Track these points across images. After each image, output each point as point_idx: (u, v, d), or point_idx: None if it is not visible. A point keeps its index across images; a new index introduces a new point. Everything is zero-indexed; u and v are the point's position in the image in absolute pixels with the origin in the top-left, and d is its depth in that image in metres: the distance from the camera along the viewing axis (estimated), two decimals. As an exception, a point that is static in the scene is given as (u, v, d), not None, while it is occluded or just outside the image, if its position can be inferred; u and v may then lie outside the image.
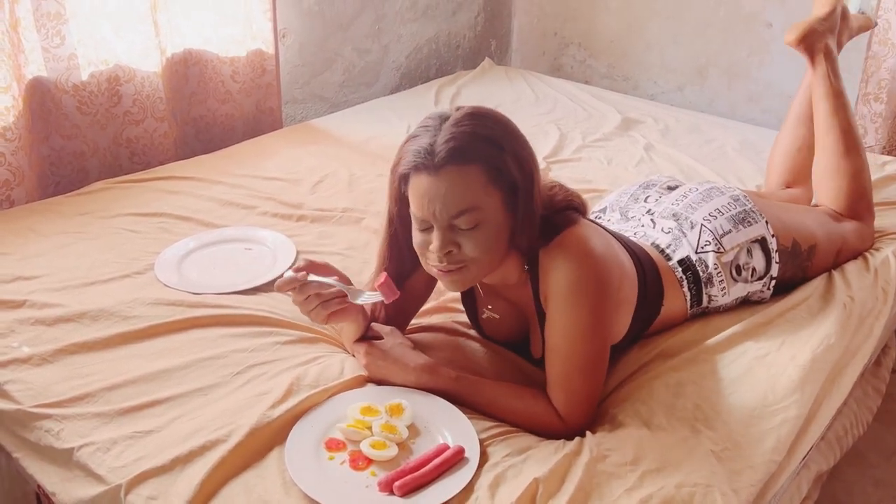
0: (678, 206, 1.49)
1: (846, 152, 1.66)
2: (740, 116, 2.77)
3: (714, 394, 1.21)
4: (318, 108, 2.71)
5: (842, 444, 1.65)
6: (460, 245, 1.09)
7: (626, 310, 1.26)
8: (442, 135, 1.06)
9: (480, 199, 1.07)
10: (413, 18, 2.93)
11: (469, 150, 1.05)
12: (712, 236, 1.40)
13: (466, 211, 1.06)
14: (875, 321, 1.48)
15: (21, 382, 1.24)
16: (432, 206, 1.07)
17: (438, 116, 1.09)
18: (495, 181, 1.07)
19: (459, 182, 1.05)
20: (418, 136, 1.08)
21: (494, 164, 1.07)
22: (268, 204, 1.86)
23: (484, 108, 1.12)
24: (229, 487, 1.04)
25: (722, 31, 2.76)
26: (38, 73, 1.89)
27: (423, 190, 1.07)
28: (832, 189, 1.69)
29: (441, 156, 1.04)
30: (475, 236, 1.09)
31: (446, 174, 1.05)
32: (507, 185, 1.09)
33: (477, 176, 1.06)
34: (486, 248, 1.10)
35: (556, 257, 1.13)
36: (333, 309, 1.16)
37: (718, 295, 1.40)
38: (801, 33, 1.71)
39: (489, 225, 1.09)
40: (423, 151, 1.06)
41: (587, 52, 3.16)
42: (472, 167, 1.05)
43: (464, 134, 1.05)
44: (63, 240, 1.65)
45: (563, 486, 1.02)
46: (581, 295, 1.12)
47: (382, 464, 1.08)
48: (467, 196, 1.06)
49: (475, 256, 1.10)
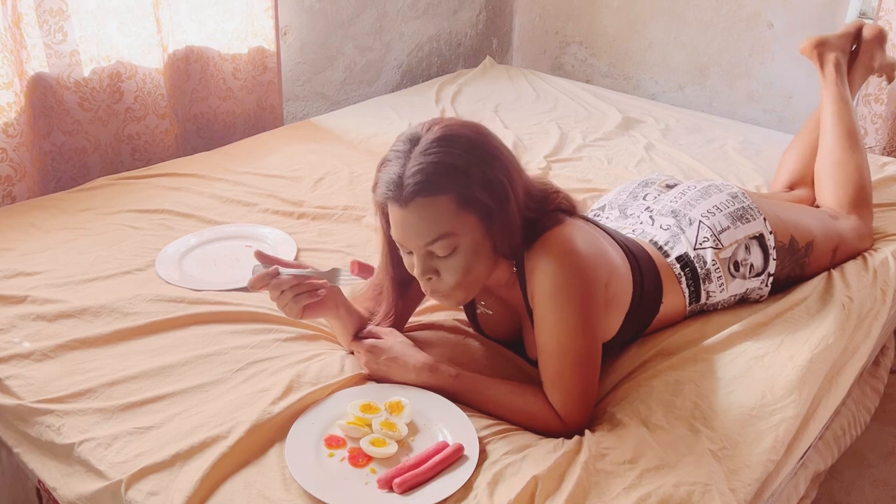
0: (677, 203, 1.50)
1: (848, 149, 1.73)
2: (741, 116, 2.77)
3: (713, 393, 1.22)
4: (319, 105, 2.71)
5: (840, 444, 1.65)
6: (439, 273, 1.11)
7: (617, 308, 1.26)
8: (410, 165, 1.05)
9: (453, 226, 1.07)
10: (414, 16, 2.93)
11: (436, 183, 1.04)
12: (710, 233, 1.41)
13: (440, 238, 1.07)
14: (873, 322, 1.48)
15: (22, 378, 1.24)
16: (406, 235, 1.08)
17: (408, 140, 1.08)
18: (466, 208, 1.07)
19: (429, 213, 1.06)
20: (389, 163, 1.08)
21: (463, 193, 1.06)
22: (269, 201, 1.86)
23: (454, 127, 1.09)
24: (230, 483, 1.05)
25: (723, 30, 2.76)
26: (40, 69, 1.89)
27: (396, 220, 1.09)
28: (832, 183, 1.72)
29: (409, 189, 1.04)
30: (453, 263, 1.10)
31: (415, 207, 1.06)
32: (480, 208, 1.08)
33: (447, 205, 1.06)
34: (465, 271, 1.11)
35: (539, 258, 1.13)
36: (305, 302, 1.17)
37: (717, 291, 1.40)
38: (815, 41, 1.85)
39: (466, 247, 1.09)
40: (392, 183, 1.06)
41: (588, 50, 3.16)
42: (440, 198, 1.05)
43: (431, 165, 1.04)
44: (64, 236, 1.66)
45: (561, 484, 1.03)
46: (565, 293, 1.12)
47: (382, 461, 1.08)
48: (439, 225, 1.07)
49: (455, 282, 1.12)
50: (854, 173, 1.71)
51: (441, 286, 1.13)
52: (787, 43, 2.62)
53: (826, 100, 1.82)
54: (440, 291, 1.14)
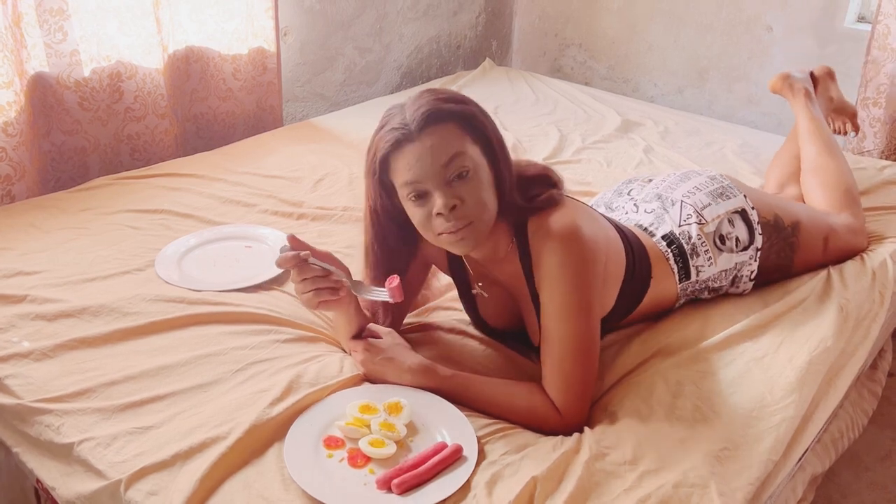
0: (658, 188, 1.55)
1: (827, 155, 1.82)
2: (740, 119, 2.77)
3: (713, 394, 1.22)
4: (318, 106, 2.72)
5: (837, 446, 1.66)
6: (462, 198, 1.12)
7: (613, 283, 1.29)
8: (410, 110, 1.13)
9: (463, 146, 1.12)
10: (414, 18, 2.93)
11: (440, 112, 1.12)
12: (693, 210, 1.46)
13: (454, 157, 1.11)
14: (871, 324, 1.48)
15: (21, 377, 1.24)
16: (422, 163, 1.11)
17: (397, 104, 1.16)
18: (471, 133, 1.14)
19: (441, 136, 1.11)
20: (387, 122, 1.15)
21: (466, 118, 1.14)
22: (268, 202, 1.86)
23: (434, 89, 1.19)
24: (229, 484, 1.05)
25: (722, 34, 2.77)
26: (40, 68, 1.89)
27: (409, 157, 1.12)
28: (818, 186, 1.78)
29: (417, 122, 1.11)
30: (470, 186, 1.12)
31: (427, 135, 1.11)
32: (482, 138, 1.15)
33: (454, 129, 1.12)
34: (483, 195, 1.14)
35: (547, 243, 1.16)
36: (325, 298, 1.17)
37: (705, 265, 1.42)
38: (782, 75, 2.05)
39: (477, 171, 1.13)
40: (398, 128, 1.12)
41: (588, 53, 3.16)
42: (447, 124, 1.12)
43: (430, 101, 1.13)
44: (64, 235, 1.66)
45: (561, 484, 1.03)
46: (570, 280, 1.15)
47: (381, 462, 1.09)
48: (452, 144, 1.12)
49: (477, 207, 1.13)
50: (837, 176, 1.77)
51: (466, 211, 1.12)
52: (785, 47, 2.63)
53: (800, 120, 1.94)
54: (466, 220, 1.12)
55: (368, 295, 1.20)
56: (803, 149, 1.87)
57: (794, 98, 1.98)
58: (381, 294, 1.18)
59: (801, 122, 1.93)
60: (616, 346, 1.36)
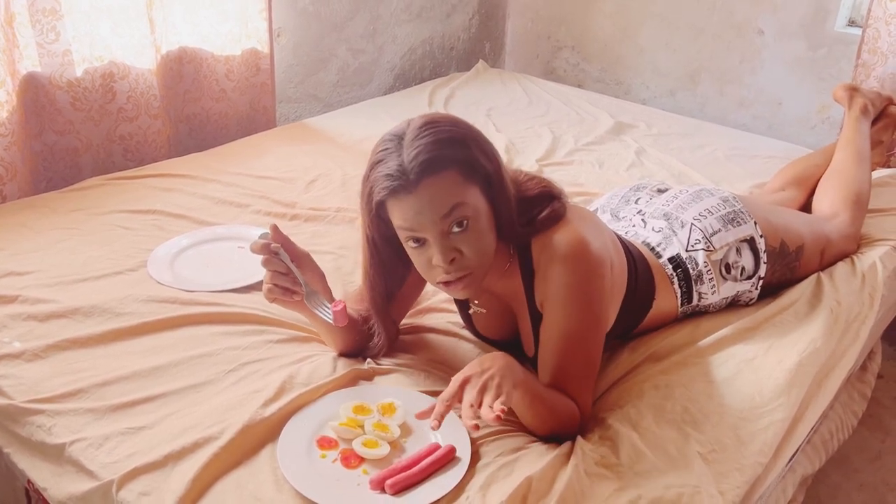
0: (669, 206, 1.51)
1: (852, 163, 1.83)
2: (731, 122, 2.79)
3: (702, 396, 1.23)
4: (312, 107, 2.71)
5: (827, 448, 1.67)
6: (461, 250, 1.10)
7: (617, 297, 1.28)
8: (407, 153, 1.06)
9: (462, 195, 1.08)
10: (408, 20, 2.94)
11: (439, 158, 1.06)
12: (702, 235, 1.43)
13: (454, 209, 1.07)
14: (861, 326, 1.49)
15: (13, 378, 1.24)
16: (420, 217, 1.07)
17: (394, 136, 1.09)
18: (470, 177, 1.09)
19: (440, 188, 1.06)
20: (383, 161, 1.08)
21: (465, 161, 1.09)
22: (261, 202, 1.86)
23: (434, 114, 1.13)
24: (221, 484, 1.05)
25: (714, 37, 2.78)
26: (32, 68, 1.89)
27: (407, 208, 1.08)
28: (830, 186, 1.80)
29: (415, 172, 1.05)
30: (470, 237, 1.10)
31: (425, 188, 1.06)
32: (482, 178, 1.11)
33: (453, 178, 1.07)
34: (482, 245, 1.11)
35: (554, 263, 1.14)
36: (276, 296, 1.18)
37: (709, 293, 1.42)
38: (848, 85, 2.04)
39: (478, 219, 1.10)
40: (394, 175, 1.06)
41: (580, 55, 3.17)
42: (446, 173, 1.07)
43: (428, 145, 1.06)
44: (56, 236, 1.65)
45: (553, 486, 1.03)
46: (581, 295, 1.13)
47: (374, 462, 1.09)
48: (450, 196, 1.07)
49: (476, 257, 1.11)
50: (853, 181, 1.78)
51: (465, 263, 1.11)
52: (777, 50, 2.64)
53: (845, 129, 1.95)
54: (464, 271, 1.11)
55: (316, 309, 1.19)
56: (836, 154, 1.89)
57: (850, 109, 1.98)
58: (326, 313, 1.18)
59: (845, 131, 1.94)
60: (607, 351, 1.36)
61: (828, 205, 1.75)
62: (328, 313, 1.18)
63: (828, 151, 1.96)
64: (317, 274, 1.21)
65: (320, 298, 1.20)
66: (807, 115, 2.64)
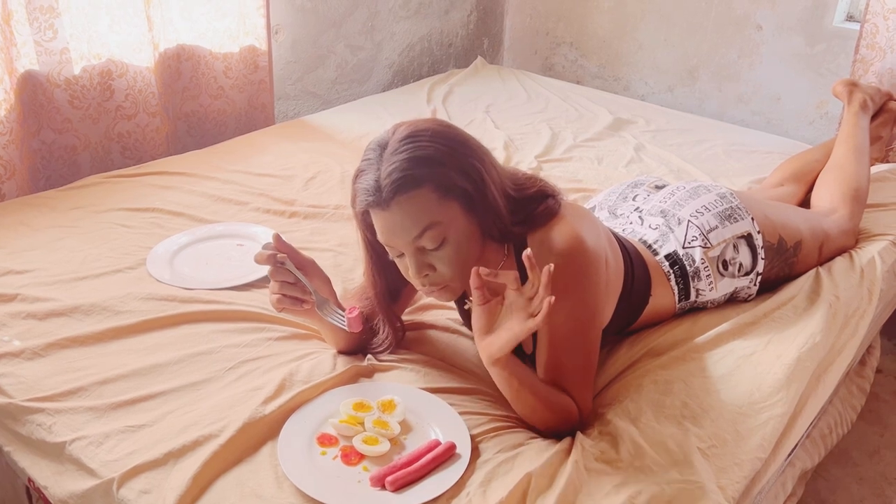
0: (666, 203, 1.51)
1: (852, 159, 1.84)
2: (730, 118, 2.79)
3: (701, 392, 1.23)
4: (310, 104, 2.71)
5: (826, 443, 1.67)
6: (434, 267, 1.11)
7: (613, 293, 1.27)
8: (384, 167, 1.06)
9: (438, 215, 1.07)
10: (406, 16, 2.93)
11: (412, 178, 1.05)
12: (699, 232, 1.43)
13: (427, 228, 1.07)
14: (860, 321, 1.50)
15: (13, 376, 1.24)
16: (393, 236, 1.08)
17: (377, 146, 1.09)
18: (446, 195, 1.08)
19: (412, 208, 1.06)
20: (363, 172, 1.09)
21: (440, 181, 1.07)
22: (260, 200, 1.86)
23: (419, 123, 1.11)
24: (222, 482, 1.05)
25: (713, 32, 2.78)
26: (30, 66, 1.88)
27: (381, 224, 1.09)
28: (829, 180, 1.80)
29: (387, 190, 1.05)
30: (445, 254, 1.10)
31: (397, 205, 1.06)
32: (460, 194, 1.09)
33: (427, 196, 1.06)
34: (459, 261, 1.11)
35: (551, 259, 1.13)
36: (286, 306, 1.18)
37: (706, 289, 1.42)
38: (847, 81, 2.04)
39: (455, 236, 1.10)
40: (370, 189, 1.07)
41: (579, 51, 3.17)
42: (420, 191, 1.06)
43: (403, 162, 1.05)
44: (55, 234, 1.65)
45: (553, 482, 1.04)
46: (577, 290, 1.13)
47: (374, 459, 1.09)
48: (424, 216, 1.07)
49: (451, 273, 1.12)
50: (852, 176, 1.79)
51: (438, 279, 1.12)
52: (775, 45, 2.64)
53: (844, 124, 1.95)
54: (439, 285, 1.13)
55: (328, 317, 1.19)
56: (835, 149, 1.89)
57: (849, 104, 1.99)
58: (339, 320, 1.18)
59: (844, 126, 1.95)
60: (606, 347, 1.36)
61: (827, 200, 1.75)
62: (342, 320, 1.18)
63: (827, 147, 1.96)
64: (323, 280, 1.21)
65: (331, 306, 1.20)
66: (805, 111, 2.65)
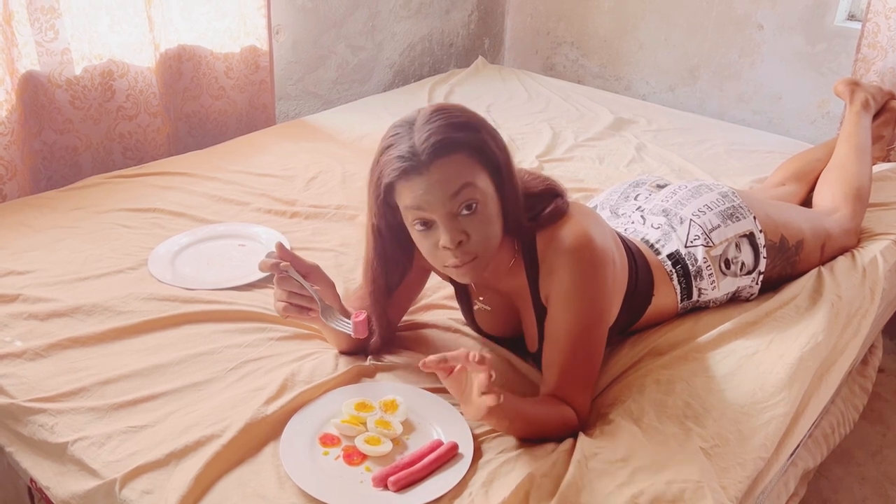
0: (668, 202, 1.51)
1: (854, 158, 1.84)
2: (731, 117, 2.78)
3: (704, 391, 1.23)
4: (311, 104, 2.71)
5: (829, 442, 1.67)
6: (468, 233, 1.10)
7: (619, 293, 1.28)
8: (418, 135, 1.07)
9: (472, 177, 1.08)
10: (407, 16, 2.93)
11: (450, 141, 1.07)
12: (701, 231, 1.43)
13: (462, 188, 1.07)
14: (862, 320, 1.49)
15: (14, 377, 1.24)
16: (430, 195, 1.07)
17: (405, 122, 1.10)
18: (480, 161, 1.10)
19: (450, 167, 1.07)
20: (394, 145, 1.09)
21: (476, 145, 1.09)
22: (261, 200, 1.86)
23: (445, 103, 1.14)
24: (224, 482, 1.05)
25: (714, 32, 2.78)
26: (31, 67, 1.88)
27: (416, 187, 1.08)
28: (831, 179, 1.80)
29: (427, 153, 1.06)
30: (477, 220, 1.10)
31: (436, 168, 1.06)
32: (491, 164, 1.11)
33: (464, 160, 1.08)
34: (489, 231, 1.11)
35: (560, 256, 1.14)
36: (291, 314, 1.19)
37: (708, 288, 1.42)
38: (849, 80, 2.04)
39: (485, 203, 1.10)
40: (405, 156, 1.07)
41: (580, 51, 3.17)
42: (457, 154, 1.07)
43: (440, 128, 1.07)
44: (56, 234, 1.65)
45: (555, 482, 1.03)
46: (585, 290, 1.14)
47: (377, 459, 1.09)
48: (459, 176, 1.08)
49: (482, 241, 1.11)
50: (853, 175, 1.79)
51: (472, 247, 1.10)
52: (776, 45, 2.64)
53: (846, 123, 1.95)
54: (470, 255, 1.11)
55: (334, 324, 1.19)
56: (837, 149, 1.89)
57: (851, 104, 1.99)
58: (345, 326, 1.18)
59: (846, 125, 1.95)
60: (608, 347, 1.35)
61: (828, 199, 1.75)
62: (348, 326, 1.18)
63: (828, 146, 1.96)
64: (328, 285, 1.21)
65: (335, 312, 1.20)
66: (806, 110, 2.64)
